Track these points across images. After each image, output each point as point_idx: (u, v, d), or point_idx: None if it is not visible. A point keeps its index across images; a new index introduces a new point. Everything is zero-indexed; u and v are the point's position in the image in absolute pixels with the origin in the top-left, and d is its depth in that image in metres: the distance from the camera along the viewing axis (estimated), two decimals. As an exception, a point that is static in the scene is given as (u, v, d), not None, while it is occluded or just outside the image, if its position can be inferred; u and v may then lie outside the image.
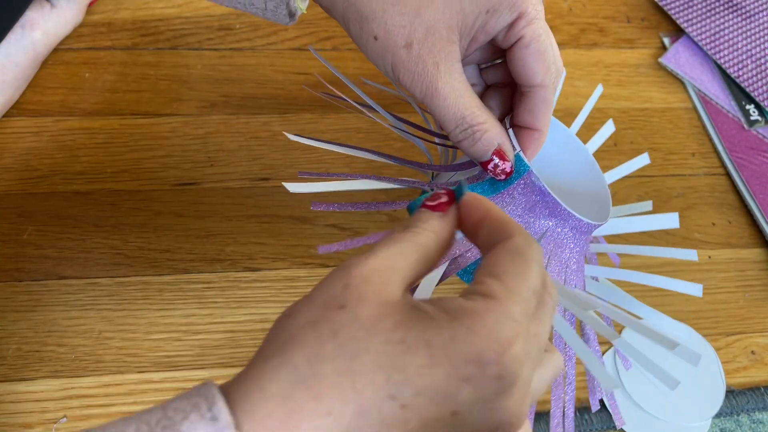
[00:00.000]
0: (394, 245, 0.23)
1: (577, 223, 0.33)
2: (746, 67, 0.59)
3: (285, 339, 0.21)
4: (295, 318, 0.22)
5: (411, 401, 0.20)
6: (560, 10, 0.62)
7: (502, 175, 0.32)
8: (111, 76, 0.51)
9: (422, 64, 0.30)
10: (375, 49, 0.31)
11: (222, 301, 0.43)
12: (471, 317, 0.21)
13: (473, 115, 0.31)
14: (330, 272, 0.23)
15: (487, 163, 0.32)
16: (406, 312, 0.21)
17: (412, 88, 0.31)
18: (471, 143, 0.31)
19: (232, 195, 0.47)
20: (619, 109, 0.57)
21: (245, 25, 0.55)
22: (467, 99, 0.31)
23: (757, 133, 0.56)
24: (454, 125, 0.31)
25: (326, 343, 0.21)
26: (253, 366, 0.21)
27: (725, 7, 0.62)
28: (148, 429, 0.20)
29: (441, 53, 0.30)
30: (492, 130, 0.31)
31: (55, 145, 0.47)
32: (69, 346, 0.40)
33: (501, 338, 0.21)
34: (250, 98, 0.51)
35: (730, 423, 0.43)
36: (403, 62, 0.30)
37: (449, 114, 0.31)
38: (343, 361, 0.20)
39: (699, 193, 0.53)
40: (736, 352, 0.46)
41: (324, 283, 0.23)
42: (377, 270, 0.22)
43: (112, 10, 0.54)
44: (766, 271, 0.50)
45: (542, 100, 0.32)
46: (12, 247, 0.43)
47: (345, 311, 0.21)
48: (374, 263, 0.22)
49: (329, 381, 0.20)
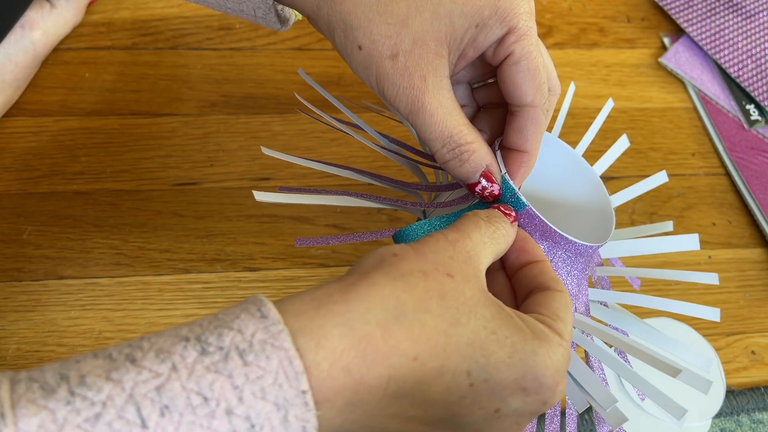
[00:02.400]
0: (479, 233, 0.27)
1: (570, 246, 0.31)
2: (746, 67, 0.59)
3: (395, 274, 0.23)
4: (405, 260, 0.24)
5: (479, 385, 0.23)
6: (560, 10, 0.62)
7: (490, 198, 0.31)
8: (111, 75, 0.51)
9: (408, 77, 0.29)
10: (359, 59, 0.29)
11: (222, 301, 0.43)
12: (549, 345, 0.24)
13: (461, 134, 0.29)
14: (430, 237, 0.25)
15: (474, 185, 0.30)
16: (498, 308, 0.24)
17: (397, 103, 0.29)
18: (458, 164, 0.30)
19: (232, 195, 0.47)
20: (619, 109, 0.56)
21: (245, 25, 0.55)
22: (456, 117, 0.29)
23: (757, 133, 0.56)
24: (441, 144, 0.29)
25: (433, 299, 0.23)
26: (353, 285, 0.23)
27: (725, 7, 0.62)
28: (200, 330, 0.21)
29: (429, 66, 0.29)
30: (480, 150, 0.30)
31: (55, 145, 0.47)
32: (69, 346, 0.40)
33: (561, 372, 0.24)
34: (250, 98, 0.51)
35: (730, 423, 0.43)
36: (388, 74, 0.29)
37: (436, 132, 0.29)
38: (444, 323, 0.23)
39: (699, 193, 0.53)
40: (736, 352, 0.46)
41: (430, 244, 0.25)
42: (474, 254, 0.25)
43: (112, 9, 0.54)
44: (766, 271, 0.50)
45: (531, 121, 0.30)
46: (12, 247, 0.43)
47: (453, 280, 0.24)
48: (471, 246, 0.26)
49: (428, 333, 0.22)
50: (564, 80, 0.57)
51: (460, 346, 0.23)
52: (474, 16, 0.28)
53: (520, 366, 0.23)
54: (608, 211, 0.36)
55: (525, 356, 0.23)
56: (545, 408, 0.24)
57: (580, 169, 0.37)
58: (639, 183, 0.41)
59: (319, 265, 0.45)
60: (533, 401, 0.24)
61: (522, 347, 0.23)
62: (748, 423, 0.43)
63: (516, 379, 0.23)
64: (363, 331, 0.21)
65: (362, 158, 0.50)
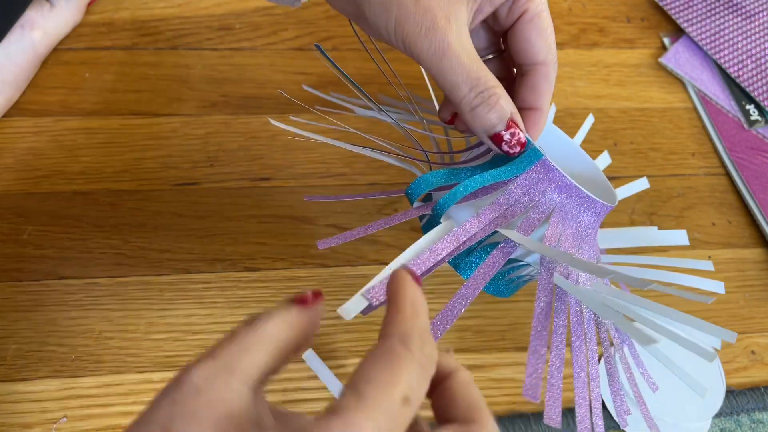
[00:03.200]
0: (234, 343, 0.20)
1: (583, 199, 0.31)
2: (746, 67, 0.59)
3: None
4: None
5: None
6: (560, 10, 0.62)
7: (517, 147, 0.30)
8: (111, 76, 0.51)
9: (432, 17, 0.27)
10: (379, 1, 0.28)
11: (222, 301, 0.43)
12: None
13: (488, 77, 0.28)
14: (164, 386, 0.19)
15: (500, 136, 0.29)
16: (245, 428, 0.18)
17: (419, 44, 0.27)
18: (487, 109, 0.28)
19: (232, 195, 0.47)
20: (619, 109, 0.57)
21: (245, 25, 0.55)
22: (480, 62, 0.29)
23: (757, 133, 0.56)
24: (469, 87, 0.28)
25: None
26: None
27: (725, 7, 0.62)
28: None
29: (452, 8, 0.28)
30: (504, 95, 0.29)
31: (55, 145, 0.47)
32: (69, 346, 0.40)
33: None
34: (250, 98, 0.51)
35: (730, 423, 0.43)
36: (410, 14, 0.27)
37: (463, 74, 0.28)
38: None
39: (699, 193, 0.53)
40: (736, 352, 0.46)
41: (153, 402, 0.19)
42: (210, 377, 0.19)
43: (112, 10, 0.54)
44: (766, 271, 0.50)
45: (544, 78, 0.31)
46: (12, 247, 0.43)
47: None
48: (207, 370, 0.19)
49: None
50: (564, 80, 0.57)
51: None
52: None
53: None
54: (610, 190, 0.37)
55: None
56: None
57: (579, 157, 0.39)
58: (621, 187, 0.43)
59: (319, 266, 0.45)
60: None
61: None
62: (748, 423, 0.43)
63: None
64: None
65: (362, 158, 0.50)
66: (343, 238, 0.32)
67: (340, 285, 0.44)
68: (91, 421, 0.38)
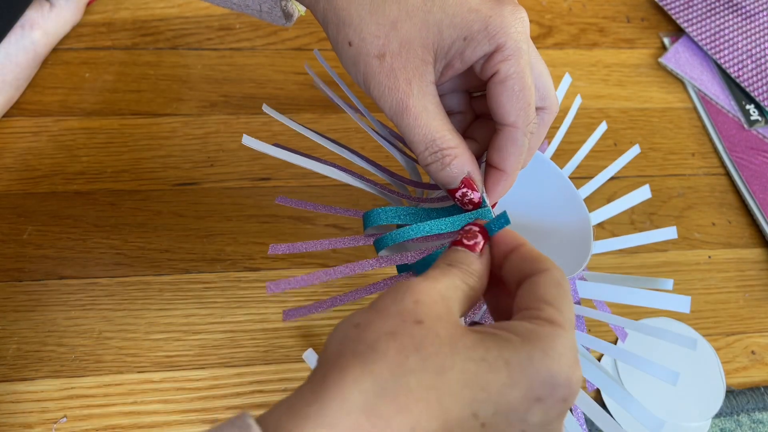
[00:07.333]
0: (448, 278, 0.24)
1: None
2: (746, 67, 0.59)
3: (362, 349, 0.21)
4: (368, 328, 0.22)
5: (491, 420, 0.21)
6: (560, 10, 0.62)
7: (470, 205, 0.30)
8: (111, 76, 0.51)
9: (394, 78, 0.29)
10: (349, 55, 0.30)
11: (222, 301, 0.43)
12: (543, 341, 0.22)
13: (444, 138, 0.29)
14: (390, 288, 0.23)
15: (455, 191, 0.30)
16: (477, 333, 0.22)
17: (382, 102, 0.29)
18: (439, 168, 0.30)
19: (232, 195, 0.47)
20: (619, 109, 0.57)
21: (245, 25, 0.55)
22: (439, 121, 0.29)
23: (757, 133, 0.56)
24: (424, 147, 0.30)
25: (410, 356, 0.21)
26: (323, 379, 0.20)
27: (725, 7, 0.62)
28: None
29: (415, 71, 0.29)
30: (462, 156, 0.30)
31: (55, 145, 0.47)
32: (69, 346, 0.40)
33: (570, 362, 0.22)
34: (250, 98, 0.51)
35: (730, 423, 0.43)
36: (374, 73, 0.29)
37: (419, 135, 0.29)
38: (429, 376, 0.20)
39: (699, 193, 0.53)
40: (736, 352, 0.46)
41: (389, 296, 0.23)
42: (443, 295, 0.23)
43: (112, 9, 0.54)
44: (766, 271, 0.50)
45: (511, 141, 0.30)
46: (12, 247, 0.43)
47: (423, 326, 0.22)
48: (439, 288, 0.23)
49: (416, 395, 0.20)
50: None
51: (455, 391, 0.21)
52: (463, 29, 0.28)
53: (522, 380, 0.21)
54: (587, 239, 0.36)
55: (522, 367, 0.21)
56: (568, 405, 0.22)
57: (566, 193, 0.37)
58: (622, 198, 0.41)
59: (319, 266, 0.45)
60: (553, 405, 0.22)
61: (516, 359, 0.21)
62: (748, 423, 0.43)
63: (525, 394, 0.21)
64: (346, 424, 0.19)
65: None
66: (309, 309, 0.30)
67: (340, 285, 0.44)
68: (91, 421, 0.38)
